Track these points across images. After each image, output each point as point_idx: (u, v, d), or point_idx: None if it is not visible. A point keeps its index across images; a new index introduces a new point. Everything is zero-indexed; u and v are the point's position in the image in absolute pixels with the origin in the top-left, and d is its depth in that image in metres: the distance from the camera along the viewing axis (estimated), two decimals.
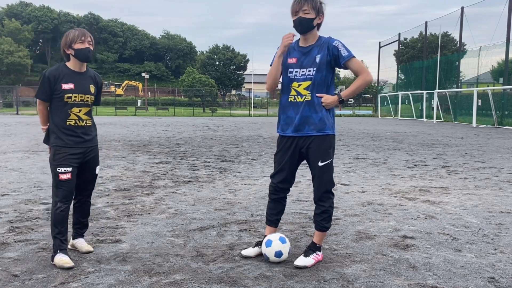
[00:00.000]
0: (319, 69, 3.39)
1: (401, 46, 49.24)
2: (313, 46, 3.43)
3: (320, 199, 3.50)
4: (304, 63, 3.41)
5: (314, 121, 3.41)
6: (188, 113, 44.84)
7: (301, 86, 3.42)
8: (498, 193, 6.29)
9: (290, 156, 3.53)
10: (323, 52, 3.39)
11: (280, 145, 3.59)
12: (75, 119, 3.54)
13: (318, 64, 3.38)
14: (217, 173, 7.88)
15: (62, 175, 3.48)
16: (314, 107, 3.41)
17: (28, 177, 7.34)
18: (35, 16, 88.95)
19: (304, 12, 3.33)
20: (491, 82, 36.63)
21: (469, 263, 3.54)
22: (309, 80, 3.40)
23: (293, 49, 3.48)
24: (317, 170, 3.46)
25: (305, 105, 3.41)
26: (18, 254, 3.69)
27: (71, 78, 3.52)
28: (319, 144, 3.43)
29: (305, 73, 3.41)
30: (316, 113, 3.41)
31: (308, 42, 3.45)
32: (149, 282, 3.14)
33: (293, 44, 3.49)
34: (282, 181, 3.60)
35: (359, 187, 6.72)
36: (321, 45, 3.41)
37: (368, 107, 58.83)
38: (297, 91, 3.43)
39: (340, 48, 3.38)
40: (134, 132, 17.96)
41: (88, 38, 3.55)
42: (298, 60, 3.43)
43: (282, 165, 3.57)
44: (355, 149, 12.24)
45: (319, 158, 3.44)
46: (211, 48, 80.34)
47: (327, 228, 3.57)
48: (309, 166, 3.55)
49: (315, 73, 3.39)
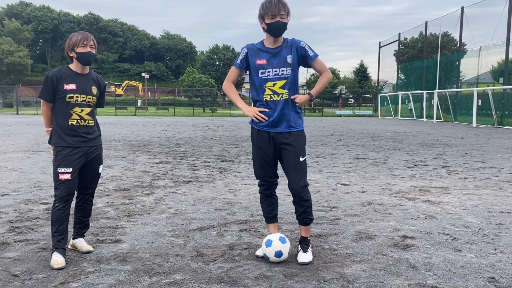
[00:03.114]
0: (293, 69, 3.53)
1: (401, 46, 49.25)
2: (281, 47, 3.54)
3: (302, 195, 3.56)
4: (275, 64, 3.51)
5: (290, 118, 3.54)
6: (188, 113, 44.85)
7: (276, 85, 3.51)
8: (498, 193, 6.29)
9: (273, 151, 3.59)
10: (293, 53, 3.53)
11: (258, 140, 3.61)
12: (77, 118, 3.58)
13: (292, 64, 3.51)
14: (217, 173, 7.88)
15: (62, 175, 3.51)
16: (291, 105, 3.54)
17: (28, 177, 7.34)
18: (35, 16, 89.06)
19: (281, 17, 3.42)
20: (491, 82, 36.62)
21: (469, 263, 3.54)
22: (283, 79, 3.51)
23: (260, 51, 3.55)
24: (298, 165, 3.55)
25: (283, 103, 3.51)
26: (18, 254, 3.70)
27: (73, 79, 3.59)
28: (298, 139, 3.57)
29: (279, 73, 3.51)
30: (292, 110, 3.55)
31: (276, 43, 3.54)
32: (149, 282, 3.14)
33: (258, 45, 3.58)
34: (269, 176, 3.68)
35: (359, 187, 6.72)
36: (289, 47, 3.54)
37: (368, 107, 58.81)
38: (273, 90, 3.51)
39: (307, 48, 3.56)
40: (134, 132, 17.96)
41: (90, 42, 3.60)
42: (268, 61, 3.52)
43: (265, 161, 3.61)
44: (355, 149, 12.24)
45: (299, 153, 3.56)
46: (211, 48, 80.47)
47: (312, 220, 3.68)
48: (286, 163, 3.58)
49: (290, 73, 3.51)
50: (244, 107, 3.63)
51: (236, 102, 3.75)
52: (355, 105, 59.95)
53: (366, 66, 77.05)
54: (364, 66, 76.73)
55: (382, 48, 46.51)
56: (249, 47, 3.59)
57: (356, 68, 77.98)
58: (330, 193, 6.23)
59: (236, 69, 3.66)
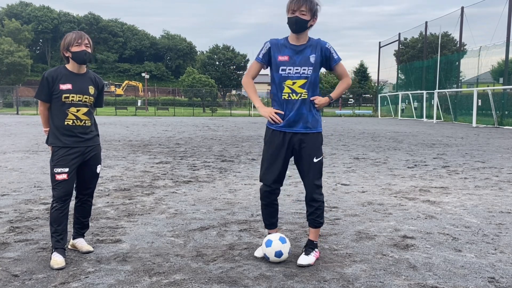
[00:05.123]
0: (315, 69, 3.47)
1: (401, 46, 49.25)
2: (305, 45, 3.46)
3: (314, 196, 3.53)
4: (298, 62, 3.44)
5: (308, 119, 3.48)
6: (188, 113, 44.84)
7: (296, 84, 3.44)
8: (498, 193, 6.29)
9: (285, 152, 3.52)
10: (317, 53, 3.46)
11: (272, 140, 3.55)
12: (73, 118, 3.57)
13: (314, 64, 3.45)
14: (217, 173, 7.88)
15: (58, 175, 3.50)
16: (309, 105, 3.48)
17: (28, 177, 7.34)
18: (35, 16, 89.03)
19: (301, 13, 3.36)
20: (491, 82, 36.63)
21: (469, 263, 3.54)
22: (304, 79, 3.44)
23: (283, 46, 3.48)
24: (312, 166, 3.50)
25: (300, 103, 3.45)
26: (18, 254, 3.70)
27: (69, 79, 3.57)
28: (314, 141, 3.51)
29: (300, 71, 3.43)
30: (309, 111, 3.48)
31: (300, 41, 3.47)
32: (149, 282, 3.14)
33: (282, 41, 3.50)
34: (275, 180, 3.57)
35: (359, 187, 6.72)
36: (314, 46, 3.47)
37: (368, 107, 58.81)
38: (292, 89, 3.45)
39: (332, 51, 3.50)
40: (134, 132, 17.96)
41: (85, 40, 3.57)
42: (290, 58, 3.45)
43: (275, 162, 3.54)
44: (355, 149, 12.24)
45: (313, 154, 3.50)
46: (211, 48, 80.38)
47: (322, 224, 3.62)
48: (301, 164, 3.55)
49: (311, 73, 3.45)
50: (260, 107, 3.53)
51: (254, 100, 3.61)
52: (355, 105, 59.97)
53: (366, 66, 77.02)
54: (364, 66, 76.67)
55: (382, 48, 46.50)
56: (272, 41, 3.51)
57: (356, 68, 77.94)
58: (330, 193, 6.23)
59: (257, 64, 3.55)
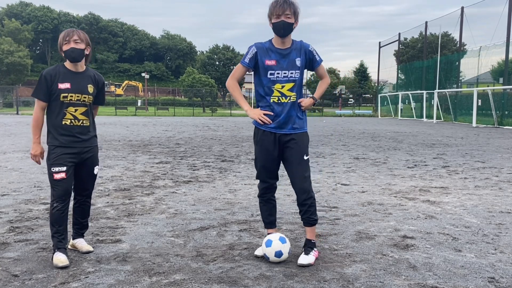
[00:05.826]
0: (301, 72, 3.56)
1: (401, 46, 49.24)
2: (290, 49, 3.52)
3: (303, 193, 3.56)
4: (285, 65, 3.49)
5: (295, 120, 3.57)
6: (188, 113, 44.85)
7: (285, 87, 3.51)
8: (498, 193, 6.29)
9: (277, 151, 3.59)
10: (302, 56, 3.54)
11: (262, 140, 3.60)
12: (71, 118, 3.53)
13: (300, 68, 3.53)
14: (217, 173, 7.88)
15: (57, 175, 3.48)
16: (297, 107, 3.57)
17: (28, 177, 7.34)
18: (35, 16, 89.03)
19: (286, 16, 3.40)
20: (491, 82, 36.61)
21: (469, 263, 3.54)
22: (292, 82, 3.52)
23: (269, 50, 3.51)
24: (302, 162, 3.57)
25: (290, 105, 3.53)
26: (18, 254, 3.69)
27: (67, 77, 3.52)
28: (302, 139, 3.59)
29: (287, 75, 3.50)
30: (297, 112, 3.58)
31: (285, 44, 3.52)
32: (149, 282, 3.14)
33: (267, 45, 3.53)
34: (270, 176, 3.68)
35: (359, 187, 6.72)
36: (298, 49, 3.54)
37: (368, 107, 58.81)
38: (281, 92, 3.51)
39: (314, 53, 3.60)
40: (134, 132, 17.96)
41: (73, 37, 3.48)
42: (278, 62, 3.49)
43: (269, 161, 3.61)
44: (355, 149, 12.24)
45: (304, 151, 3.58)
46: (211, 48, 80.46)
47: (316, 221, 3.66)
48: (290, 159, 3.58)
49: (298, 76, 3.53)
50: (248, 110, 3.57)
51: (240, 103, 3.64)
52: (355, 105, 59.97)
53: (366, 66, 77.10)
54: (364, 66, 76.75)
55: (382, 48, 46.51)
56: (258, 45, 3.53)
57: (356, 68, 78.00)
58: (330, 193, 6.23)
59: (242, 67, 3.57)
